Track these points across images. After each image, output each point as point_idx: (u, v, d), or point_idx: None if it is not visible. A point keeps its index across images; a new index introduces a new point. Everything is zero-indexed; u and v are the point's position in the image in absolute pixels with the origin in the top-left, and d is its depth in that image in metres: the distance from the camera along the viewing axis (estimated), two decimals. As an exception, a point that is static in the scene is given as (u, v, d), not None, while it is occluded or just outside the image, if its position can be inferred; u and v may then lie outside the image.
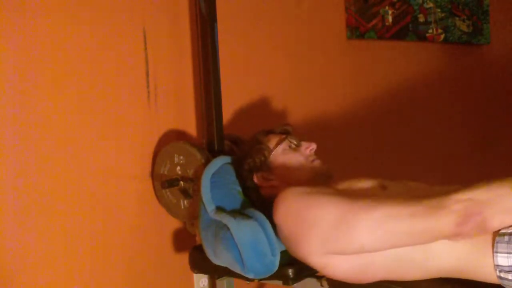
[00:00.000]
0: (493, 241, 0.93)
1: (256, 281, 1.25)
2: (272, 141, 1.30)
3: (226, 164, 1.30)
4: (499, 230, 0.93)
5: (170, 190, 1.43)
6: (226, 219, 1.16)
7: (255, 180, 1.27)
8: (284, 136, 1.31)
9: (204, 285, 1.54)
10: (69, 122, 1.36)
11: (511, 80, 2.79)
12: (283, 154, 1.28)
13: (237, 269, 1.17)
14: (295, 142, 1.30)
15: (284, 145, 1.29)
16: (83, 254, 1.38)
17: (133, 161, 1.47)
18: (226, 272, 1.24)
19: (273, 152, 1.28)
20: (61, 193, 1.34)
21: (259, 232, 1.13)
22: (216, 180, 1.25)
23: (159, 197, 1.47)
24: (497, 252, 0.92)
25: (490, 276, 0.94)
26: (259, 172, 1.27)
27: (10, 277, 1.27)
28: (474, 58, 2.63)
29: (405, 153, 2.21)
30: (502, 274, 0.92)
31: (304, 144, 1.30)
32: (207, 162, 1.33)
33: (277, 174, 1.26)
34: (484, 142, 2.69)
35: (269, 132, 1.34)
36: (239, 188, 1.28)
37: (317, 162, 1.27)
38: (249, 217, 1.16)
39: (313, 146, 1.29)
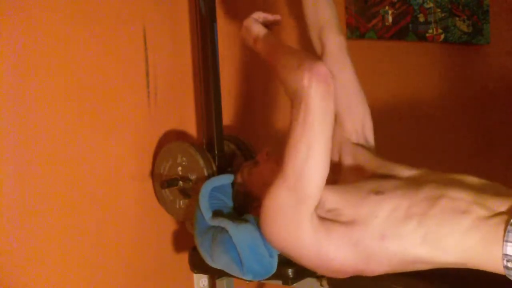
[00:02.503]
0: (505, 230, 0.92)
1: (256, 281, 1.25)
2: (238, 177, 1.32)
3: (229, 183, 1.30)
4: (510, 219, 0.92)
5: (169, 189, 1.43)
6: (225, 223, 1.17)
7: (256, 212, 1.28)
8: (240, 167, 1.34)
9: (204, 285, 1.54)
10: (69, 122, 1.36)
11: (511, 80, 2.79)
12: (251, 176, 1.28)
13: (235, 271, 1.17)
14: (249, 163, 1.32)
15: (245, 172, 1.30)
16: (83, 254, 1.38)
17: (133, 161, 1.47)
18: (226, 272, 1.24)
19: (243, 182, 1.29)
20: (61, 193, 1.34)
21: (256, 234, 1.14)
22: (215, 194, 1.26)
23: (157, 194, 1.47)
24: (507, 241, 0.91)
25: (495, 266, 0.93)
26: (253, 205, 1.27)
27: (10, 277, 1.27)
28: (474, 58, 2.63)
29: (404, 153, 2.21)
30: (509, 264, 0.91)
31: (260, 155, 1.30)
32: (208, 170, 1.35)
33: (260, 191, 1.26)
34: (485, 142, 2.69)
35: (236, 171, 1.35)
36: (231, 206, 1.29)
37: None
38: (246, 221, 1.18)
39: (265, 150, 1.30)
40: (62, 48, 1.35)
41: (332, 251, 1.04)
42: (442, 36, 2.37)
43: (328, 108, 1.03)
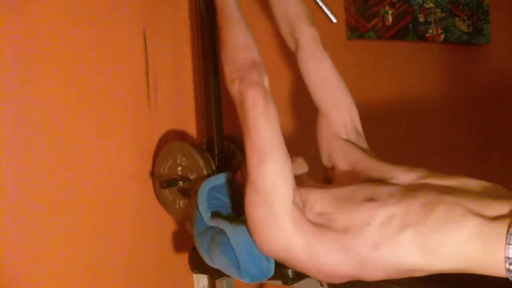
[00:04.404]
0: (507, 233, 0.90)
1: (255, 282, 1.25)
2: (238, 176, 1.30)
3: (227, 182, 1.30)
4: None
5: (169, 189, 1.43)
6: (223, 224, 1.16)
7: None
8: (240, 166, 1.33)
9: (204, 285, 1.55)
10: (69, 122, 1.36)
11: (511, 80, 2.79)
12: None
13: (233, 273, 1.17)
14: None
15: (245, 171, 1.26)
16: (83, 254, 1.38)
17: (133, 161, 1.47)
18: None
19: (243, 182, 1.27)
20: (61, 193, 1.35)
21: None
22: (214, 193, 1.26)
23: (157, 194, 1.47)
24: (509, 244, 0.89)
25: (497, 270, 0.92)
26: None
27: (10, 277, 1.27)
28: (474, 58, 2.63)
29: (404, 153, 2.21)
30: (511, 267, 0.91)
31: None
32: (208, 170, 1.35)
33: None
34: (484, 142, 2.69)
35: (235, 170, 1.35)
36: (230, 205, 1.29)
37: None
38: (244, 222, 1.17)
39: None
40: (62, 48, 1.35)
41: (323, 256, 1.03)
42: (442, 36, 2.37)
43: (268, 108, 1.08)
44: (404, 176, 1.12)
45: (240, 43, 1.17)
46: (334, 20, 1.40)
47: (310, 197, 1.08)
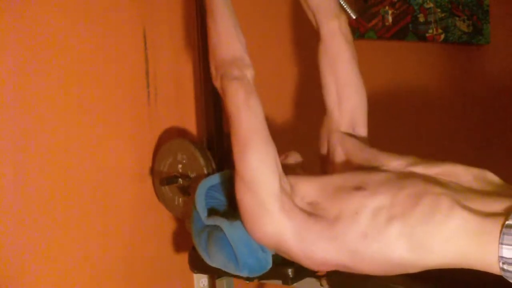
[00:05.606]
0: (500, 232, 0.89)
1: (255, 281, 1.25)
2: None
3: (226, 180, 1.30)
4: (506, 221, 0.90)
5: (168, 186, 1.43)
6: (219, 221, 1.16)
7: None
8: None
9: (204, 285, 1.54)
10: (69, 122, 1.36)
11: (511, 80, 2.79)
12: None
13: (231, 268, 1.17)
14: None
15: None
16: (83, 253, 1.38)
17: (133, 161, 1.47)
18: (225, 272, 1.24)
19: None
20: (61, 193, 1.35)
21: None
22: (212, 193, 1.26)
23: (157, 191, 1.47)
24: (502, 244, 0.88)
25: (491, 267, 0.91)
26: None
27: (9, 277, 1.27)
28: (474, 58, 2.63)
29: (405, 153, 2.21)
30: (505, 266, 0.89)
31: None
32: (208, 168, 1.36)
33: None
34: (484, 142, 2.69)
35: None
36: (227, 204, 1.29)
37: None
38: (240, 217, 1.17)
39: None
40: (62, 48, 1.35)
41: (312, 243, 1.02)
42: (442, 36, 2.37)
43: (250, 99, 1.10)
44: (394, 163, 1.12)
45: (221, 40, 1.18)
46: (354, 16, 1.38)
47: (299, 185, 1.08)
